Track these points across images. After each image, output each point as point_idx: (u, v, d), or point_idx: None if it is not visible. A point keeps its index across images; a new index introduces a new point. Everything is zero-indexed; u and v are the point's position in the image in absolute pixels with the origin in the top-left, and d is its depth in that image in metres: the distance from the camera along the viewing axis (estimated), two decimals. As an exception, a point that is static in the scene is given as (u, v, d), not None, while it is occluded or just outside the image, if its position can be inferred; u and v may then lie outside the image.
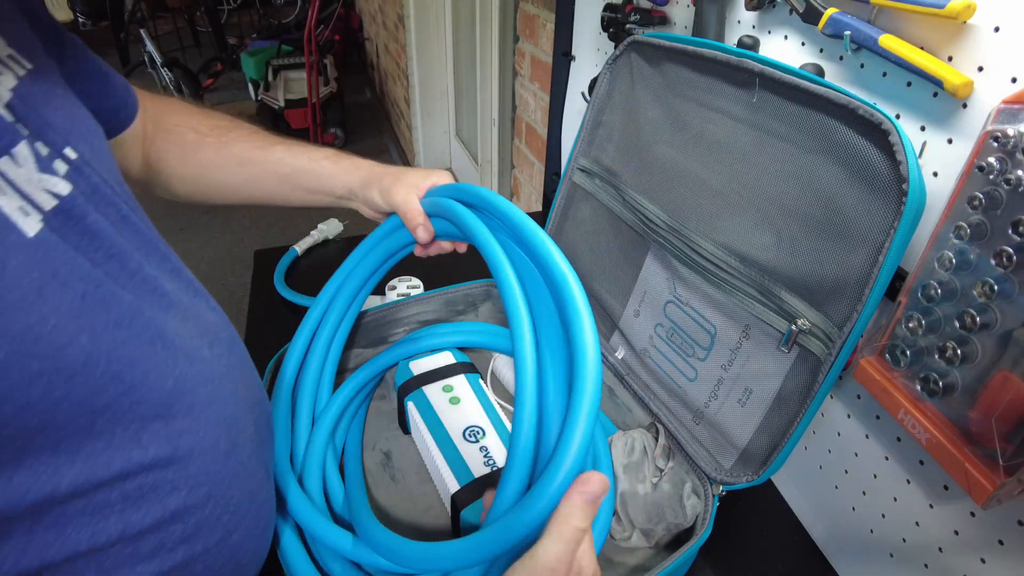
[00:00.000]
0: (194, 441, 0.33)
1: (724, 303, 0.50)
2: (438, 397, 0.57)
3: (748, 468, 0.48)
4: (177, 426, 0.32)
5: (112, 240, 0.31)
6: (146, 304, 0.32)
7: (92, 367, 0.27)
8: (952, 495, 0.43)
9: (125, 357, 0.29)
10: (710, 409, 0.52)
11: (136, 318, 0.31)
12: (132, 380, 0.30)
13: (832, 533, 0.55)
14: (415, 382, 0.59)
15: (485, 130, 2.01)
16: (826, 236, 0.42)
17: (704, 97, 0.51)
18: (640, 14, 0.71)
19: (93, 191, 0.31)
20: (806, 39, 0.50)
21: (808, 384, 0.43)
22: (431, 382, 0.59)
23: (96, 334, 0.28)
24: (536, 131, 1.34)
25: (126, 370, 0.29)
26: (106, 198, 0.32)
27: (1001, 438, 0.35)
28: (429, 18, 2.46)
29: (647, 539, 0.50)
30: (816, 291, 0.43)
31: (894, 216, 0.36)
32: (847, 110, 0.38)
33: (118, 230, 0.32)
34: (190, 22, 5.02)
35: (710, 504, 0.48)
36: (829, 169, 0.41)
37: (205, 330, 0.37)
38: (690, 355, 0.54)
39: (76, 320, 0.27)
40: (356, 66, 4.48)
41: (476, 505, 0.47)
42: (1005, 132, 0.34)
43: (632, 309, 0.61)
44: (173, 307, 0.35)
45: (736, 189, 0.48)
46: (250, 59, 3.68)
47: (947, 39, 0.39)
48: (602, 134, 0.63)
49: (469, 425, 0.55)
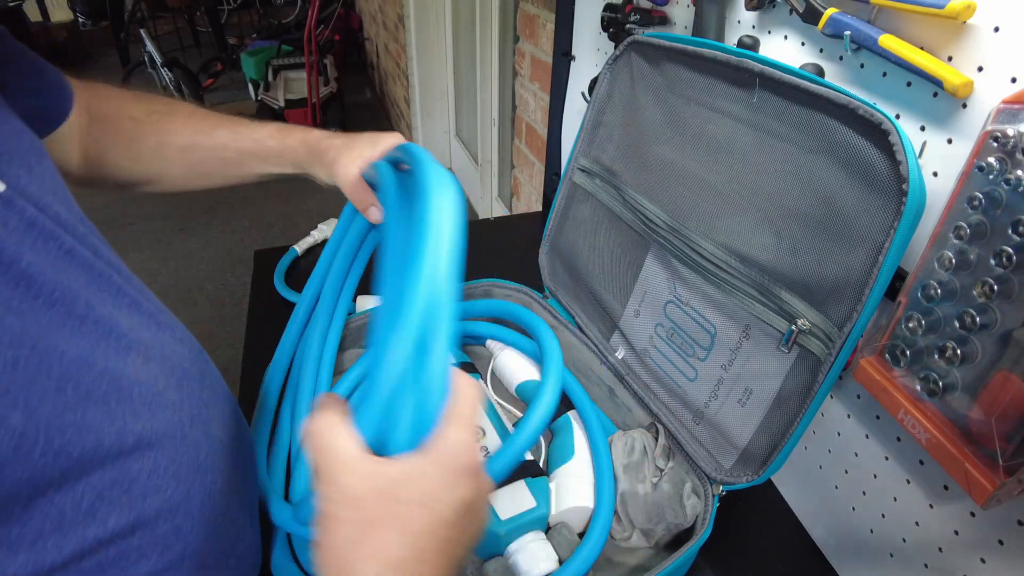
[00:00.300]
0: (161, 501, 0.30)
1: (724, 303, 0.50)
2: None
3: (748, 468, 0.48)
4: (140, 488, 0.29)
5: (54, 283, 0.27)
6: (99, 352, 0.29)
7: (29, 447, 0.24)
8: (952, 495, 0.43)
9: (71, 426, 0.26)
10: (710, 409, 0.52)
11: (84, 374, 0.27)
12: (81, 451, 0.26)
13: (832, 533, 0.55)
14: None
15: (485, 130, 2.02)
16: (826, 236, 0.42)
17: (704, 97, 0.51)
18: (640, 14, 0.71)
19: (28, 227, 0.27)
20: (806, 39, 0.50)
21: (808, 384, 0.43)
22: None
23: (32, 407, 0.24)
24: (536, 131, 1.34)
25: (73, 441, 0.26)
26: (45, 232, 0.28)
27: (1001, 438, 0.35)
28: (429, 18, 2.47)
29: (647, 539, 0.50)
30: (816, 291, 0.43)
31: (894, 216, 0.36)
32: (847, 110, 0.38)
33: (61, 268, 0.28)
34: (190, 22, 5.02)
35: (710, 504, 0.48)
36: (829, 169, 0.41)
37: (172, 368, 0.33)
38: (690, 355, 0.54)
39: (4, 395, 0.23)
40: (356, 66, 4.48)
41: None
42: (1005, 132, 0.34)
43: (632, 309, 0.61)
44: (132, 348, 0.31)
45: (736, 189, 0.48)
46: (250, 59, 3.68)
47: (947, 39, 0.39)
48: (602, 134, 0.63)
49: None
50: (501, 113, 1.88)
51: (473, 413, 0.28)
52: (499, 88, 1.85)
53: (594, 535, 0.47)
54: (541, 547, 0.46)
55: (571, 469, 0.52)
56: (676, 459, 0.52)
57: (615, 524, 0.50)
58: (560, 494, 0.50)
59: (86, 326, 0.28)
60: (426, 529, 0.25)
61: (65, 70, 0.47)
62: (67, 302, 0.27)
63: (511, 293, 0.72)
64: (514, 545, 0.46)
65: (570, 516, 0.50)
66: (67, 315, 0.27)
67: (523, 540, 0.46)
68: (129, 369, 0.30)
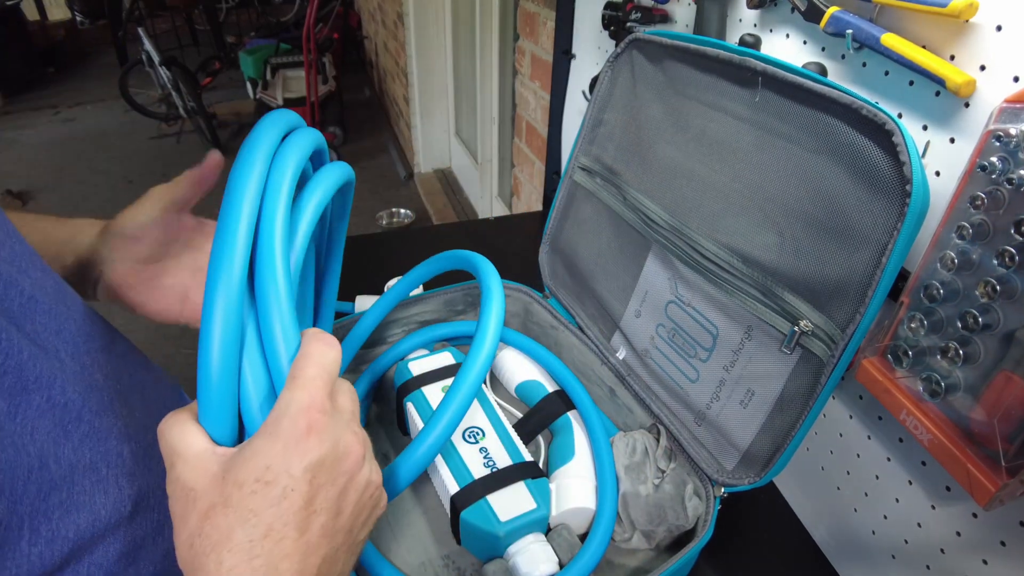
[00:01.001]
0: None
1: (726, 304, 0.50)
2: (438, 398, 0.57)
3: (750, 470, 0.48)
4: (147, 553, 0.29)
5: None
6: (51, 460, 0.27)
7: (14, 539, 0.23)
8: (954, 496, 0.43)
9: (57, 507, 0.25)
10: (712, 410, 0.52)
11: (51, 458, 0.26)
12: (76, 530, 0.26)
13: (834, 534, 0.55)
14: (414, 383, 0.59)
15: (485, 129, 2.01)
16: (829, 237, 0.42)
17: (706, 96, 0.50)
18: (641, 12, 0.71)
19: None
20: (808, 38, 0.50)
21: (811, 386, 0.43)
22: (431, 383, 0.59)
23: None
24: (536, 130, 1.33)
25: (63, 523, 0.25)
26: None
27: (1003, 439, 0.34)
28: (429, 16, 2.46)
29: (648, 541, 0.50)
30: (819, 292, 0.43)
31: (897, 217, 0.36)
32: (850, 110, 0.38)
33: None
34: (188, 21, 5.02)
35: (711, 506, 0.48)
36: (832, 169, 0.41)
37: (121, 463, 0.31)
38: (692, 356, 0.54)
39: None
40: (355, 64, 4.47)
41: (476, 506, 0.47)
42: (1007, 131, 0.33)
43: (633, 309, 0.61)
44: (84, 420, 0.29)
45: (738, 189, 0.48)
46: (248, 58, 3.67)
47: (949, 38, 0.39)
48: (603, 133, 0.63)
49: (469, 426, 0.54)
50: (501, 112, 1.88)
51: (320, 372, 0.26)
52: (499, 86, 1.85)
53: (597, 537, 0.47)
54: (541, 549, 0.46)
55: (571, 470, 0.52)
56: (678, 460, 0.52)
57: (616, 526, 0.50)
58: (560, 495, 0.50)
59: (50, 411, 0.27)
60: (271, 505, 0.23)
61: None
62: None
63: (511, 292, 0.72)
64: (514, 547, 0.46)
65: (571, 517, 0.49)
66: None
67: (523, 542, 0.46)
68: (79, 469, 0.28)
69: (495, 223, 1.14)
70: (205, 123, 3.19)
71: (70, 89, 4.30)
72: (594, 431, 0.55)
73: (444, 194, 2.63)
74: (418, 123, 2.70)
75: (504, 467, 0.50)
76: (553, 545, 0.47)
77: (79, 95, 4.19)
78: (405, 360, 0.62)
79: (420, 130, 2.72)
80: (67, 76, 4.55)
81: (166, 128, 3.46)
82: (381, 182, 3.01)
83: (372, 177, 3.06)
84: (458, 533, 0.49)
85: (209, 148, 3.20)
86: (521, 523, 0.46)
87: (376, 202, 2.79)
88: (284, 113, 0.32)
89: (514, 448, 0.53)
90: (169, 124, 3.45)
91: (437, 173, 2.83)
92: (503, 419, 0.56)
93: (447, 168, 2.84)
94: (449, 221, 2.36)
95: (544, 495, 0.49)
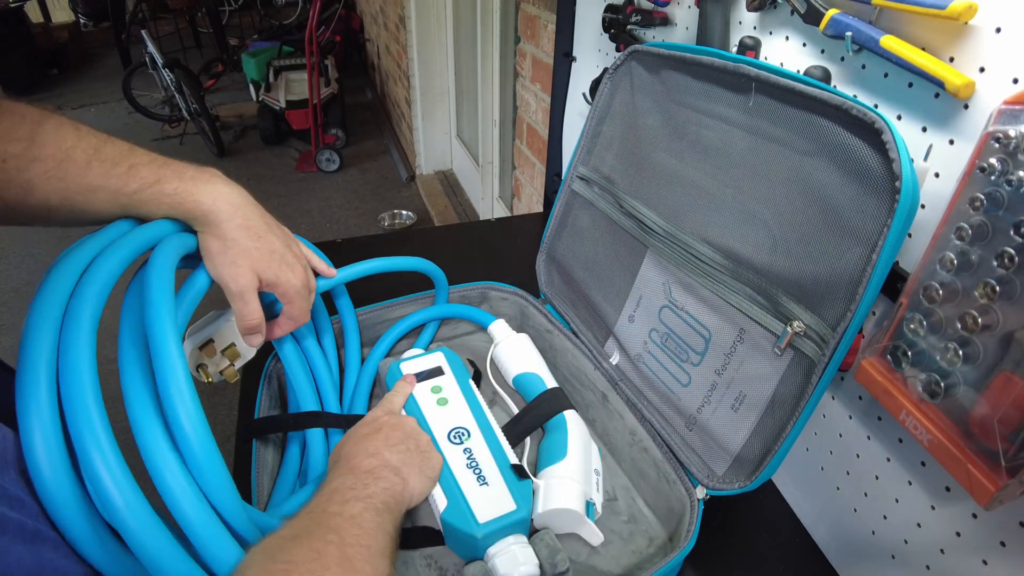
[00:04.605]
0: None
1: (719, 306, 0.50)
2: (426, 398, 0.57)
3: (741, 474, 0.48)
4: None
5: None
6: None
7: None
8: (954, 496, 0.43)
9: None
10: (703, 415, 0.52)
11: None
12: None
13: (834, 534, 0.55)
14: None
15: (486, 131, 2.02)
16: (821, 237, 0.42)
17: (702, 103, 0.51)
18: (641, 15, 0.71)
19: None
20: (807, 40, 0.50)
21: (802, 387, 0.43)
22: (419, 382, 0.59)
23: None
24: (537, 132, 1.34)
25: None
26: None
27: (1003, 439, 0.34)
28: (430, 19, 2.47)
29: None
30: (811, 292, 0.43)
31: (887, 214, 0.36)
32: (841, 111, 0.38)
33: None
34: (191, 23, 5.03)
35: (695, 515, 0.48)
36: (824, 170, 0.41)
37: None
38: (684, 360, 0.54)
39: None
40: (357, 67, 4.48)
41: (456, 507, 0.47)
42: (1006, 133, 0.34)
43: (627, 315, 0.61)
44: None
45: (731, 192, 0.48)
46: (251, 60, 3.68)
47: (948, 40, 0.39)
48: (602, 143, 0.64)
49: (455, 426, 0.55)
50: (502, 114, 1.88)
51: (401, 399, 0.57)
52: (500, 89, 1.85)
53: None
54: (521, 551, 0.45)
55: (561, 470, 0.51)
56: (662, 465, 0.52)
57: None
58: (547, 494, 0.49)
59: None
60: (376, 439, 0.48)
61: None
62: None
63: (507, 296, 0.72)
64: (493, 548, 0.46)
65: (554, 518, 0.49)
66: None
67: (503, 543, 0.46)
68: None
69: (496, 225, 1.14)
70: (208, 125, 3.20)
71: (73, 91, 4.32)
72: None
73: (445, 196, 2.63)
74: (419, 125, 2.71)
75: (487, 468, 0.50)
76: (535, 548, 0.47)
77: (82, 97, 4.21)
78: (397, 360, 0.62)
79: (421, 132, 2.72)
80: (70, 78, 4.57)
81: (169, 130, 3.47)
82: (383, 184, 3.02)
83: (374, 179, 3.06)
84: (442, 532, 0.49)
85: (212, 150, 3.21)
86: (500, 525, 0.46)
87: (378, 204, 2.79)
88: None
89: (499, 449, 0.53)
90: (172, 126, 3.46)
91: (438, 175, 2.84)
92: (490, 419, 0.56)
93: (448, 170, 2.84)
94: (450, 223, 2.37)
95: (526, 497, 0.49)
